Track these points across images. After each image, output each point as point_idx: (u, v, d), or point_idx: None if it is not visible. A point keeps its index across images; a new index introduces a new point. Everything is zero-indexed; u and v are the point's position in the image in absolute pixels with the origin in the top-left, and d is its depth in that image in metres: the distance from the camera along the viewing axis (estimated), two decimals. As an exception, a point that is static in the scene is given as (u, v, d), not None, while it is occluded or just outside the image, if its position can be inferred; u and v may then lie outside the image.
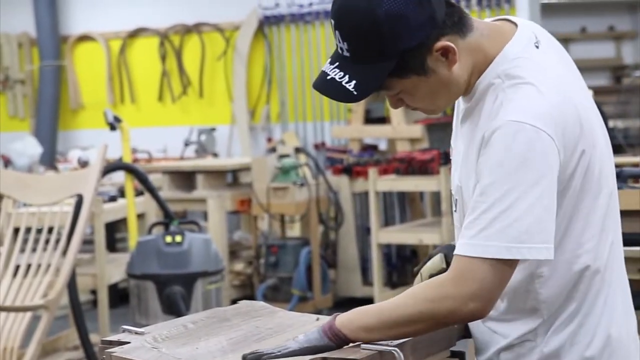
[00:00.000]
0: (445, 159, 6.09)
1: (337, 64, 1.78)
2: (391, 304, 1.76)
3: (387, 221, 6.77)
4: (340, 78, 1.77)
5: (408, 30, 1.71)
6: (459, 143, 1.88)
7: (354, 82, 1.76)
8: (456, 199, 1.89)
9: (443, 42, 1.74)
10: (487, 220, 1.69)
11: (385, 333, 1.74)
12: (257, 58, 8.41)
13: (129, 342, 1.86)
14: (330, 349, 1.72)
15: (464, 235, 1.72)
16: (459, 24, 1.77)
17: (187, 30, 8.60)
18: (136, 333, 1.92)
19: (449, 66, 1.76)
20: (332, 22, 1.77)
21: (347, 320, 1.74)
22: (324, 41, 8.11)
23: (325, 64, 1.81)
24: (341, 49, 1.77)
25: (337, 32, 1.76)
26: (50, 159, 8.22)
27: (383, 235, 6.14)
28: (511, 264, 1.70)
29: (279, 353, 1.71)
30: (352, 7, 1.73)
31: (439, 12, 1.74)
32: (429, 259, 2.06)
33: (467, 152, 1.82)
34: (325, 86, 1.79)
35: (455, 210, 1.92)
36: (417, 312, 1.72)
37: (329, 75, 1.78)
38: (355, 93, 1.76)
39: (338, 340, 1.73)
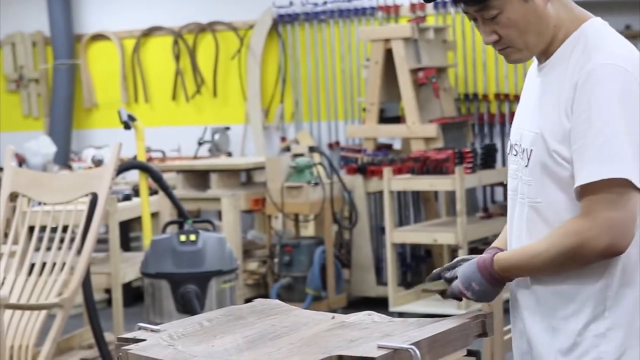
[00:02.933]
0: (460, 158, 6.07)
1: None
2: (545, 240, 1.89)
3: (402, 221, 6.75)
4: None
5: None
6: (532, 94, 2.00)
7: None
8: (530, 149, 1.95)
9: None
10: (598, 144, 1.82)
11: (534, 266, 1.91)
12: (271, 57, 8.40)
13: (144, 340, 1.86)
14: (485, 279, 1.95)
15: (577, 167, 1.84)
16: None
17: (201, 29, 8.60)
18: (152, 331, 1.92)
19: (544, 0, 1.92)
20: None
21: (502, 260, 1.94)
22: (338, 40, 8.10)
23: None
24: None
25: None
26: (64, 158, 8.24)
27: (397, 235, 6.12)
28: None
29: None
30: None
31: None
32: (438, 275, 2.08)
33: (544, 101, 1.94)
34: None
35: (523, 162, 1.98)
36: (568, 244, 1.85)
37: None
38: None
39: (491, 276, 1.94)
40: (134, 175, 6.47)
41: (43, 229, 4.28)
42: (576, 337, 1.89)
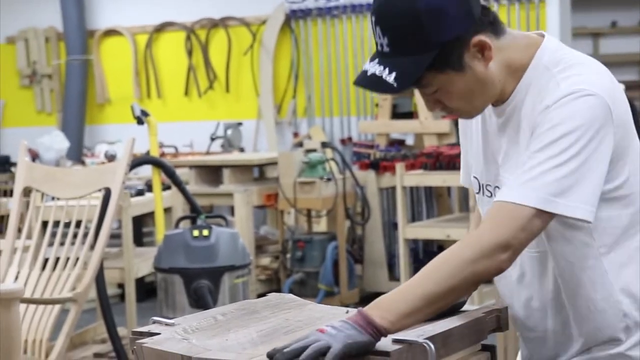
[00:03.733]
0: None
1: (376, 60, 1.83)
2: (432, 279, 1.75)
3: (414, 216, 6.74)
4: (380, 72, 1.81)
5: (447, 23, 1.76)
6: (494, 136, 1.92)
7: (393, 74, 1.79)
8: (495, 187, 1.92)
9: (480, 37, 1.80)
10: (536, 173, 1.74)
11: (427, 311, 1.75)
12: (284, 52, 8.40)
13: (159, 334, 1.86)
14: (373, 345, 1.70)
15: (509, 184, 1.79)
16: (494, 24, 1.83)
17: (214, 24, 8.60)
18: (166, 324, 1.92)
19: (485, 63, 1.81)
20: (373, 18, 1.82)
21: (385, 311, 1.72)
22: (350, 35, 8.09)
23: (365, 64, 1.85)
24: (381, 45, 1.82)
25: (377, 27, 1.81)
26: (77, 154, 8.26)
27: (410, 231, 6.11)
28: (547, 217, 1.75)
29: (331, 354, 1.63)
30: (393, 1, 1.78)
31: (476, 10, 1.80)
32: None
33: (511, 151, 1.87)
34: (366, 82, 1.84)
35: (490, 196, 1.95)
36: (462, 279, 1.74)
37: (369, 71, 1.83)
38: (395, 85, 1.79)
39: (378, 334, 1.70)
40: (146, 171, 6.48)
41: (56, 223, 4.28)
42: None
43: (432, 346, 1.71)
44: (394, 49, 1.79)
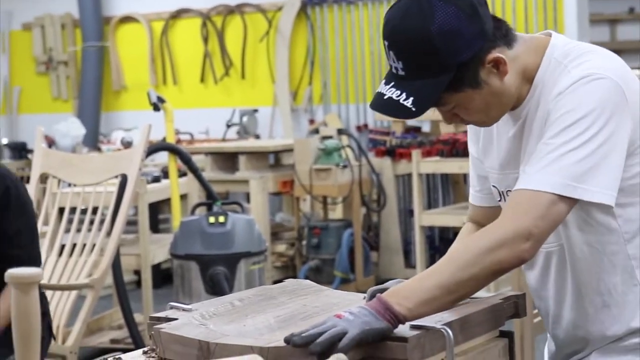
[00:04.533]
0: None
1: (392, 83, 1.82)
2: (451, 267, 1.74)
3: (430, 204, 6.72)
4: (397, 97, 1.81)
5: (460, 44, 1.76)
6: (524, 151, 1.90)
7: (411, 99, 1.79)
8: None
9: (494, 54, 1.80)
10: (551, 158, 1.74)
11: (446, 300, 1.74)
12: (300, 39, 8.38)
13: (176, 319, 1.86)
14: (390, 331, 1.69)
15: (526, 172, 1.77)
16: (506, 36, 1.84)
17: (230, 11, 8.59)
18: (183, 310, 1.92)
19: (500, 77, 1.82)
20: (386, 43, 1.81)
21: (403, 298, 1.71)
22: (367, 22, 8.07)
23: (380, 85, 1.85)
24: (395, 68, 1.82)
25: (390, 52, 1.81)
26: (93, 140, 8.28)
27: (426, 218, 6.10)
28: (567, 203, 1.74)
29: (347, 339, 1.63)
30: (405, 27, 1.77)
31: (488, 26, 1.79)
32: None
33: (533, 150, 1.84)
34: (383, 106, 1.83)
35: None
36: (482, 267, 1.73)
37: (385, 95, 1.82)
38: (413, 109, 1.79)
39: (396, 321, 1.69)
40: (163, 157, 6.48)
41: (73, 210, 4.30)
42: None
43: (450, 332, 1.70)
44: (410, 73, 1.79)
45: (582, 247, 1.89)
